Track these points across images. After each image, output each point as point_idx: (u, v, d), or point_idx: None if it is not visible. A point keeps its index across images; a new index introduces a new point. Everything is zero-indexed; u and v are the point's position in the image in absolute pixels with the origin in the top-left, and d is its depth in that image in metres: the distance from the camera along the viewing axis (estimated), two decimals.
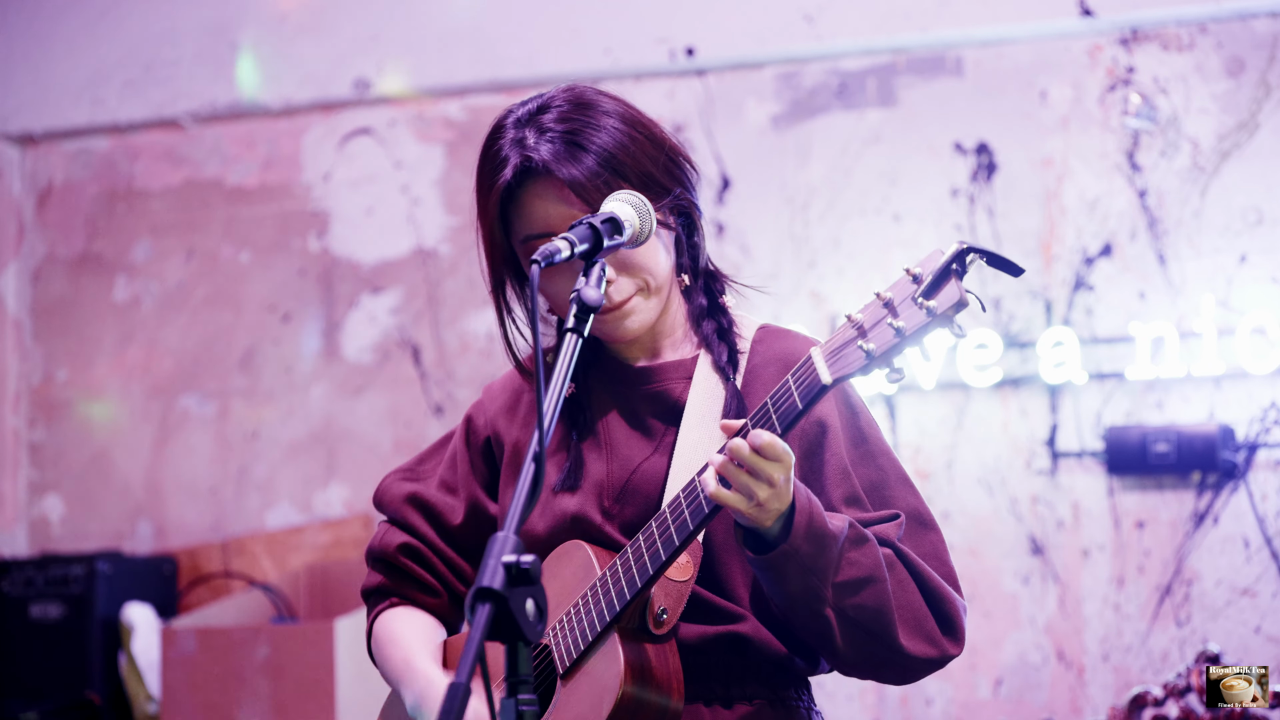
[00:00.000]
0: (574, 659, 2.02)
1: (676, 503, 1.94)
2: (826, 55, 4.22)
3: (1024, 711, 3.96)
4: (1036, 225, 4.04)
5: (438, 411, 4.50)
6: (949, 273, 1.74)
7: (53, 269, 4.92)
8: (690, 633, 2.03)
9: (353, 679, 3.91)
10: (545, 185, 2.04)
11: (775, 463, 1.85)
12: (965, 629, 2.03)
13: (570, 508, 2.09)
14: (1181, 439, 3.83)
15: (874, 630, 1.96)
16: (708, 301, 2.15)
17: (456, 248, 4.54)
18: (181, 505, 4.72)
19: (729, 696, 2.05)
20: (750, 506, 1.87)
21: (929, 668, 2.01)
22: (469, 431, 2.24)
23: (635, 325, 2.08)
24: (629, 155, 2.03)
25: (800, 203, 4.23)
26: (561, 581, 2.05)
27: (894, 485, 2.07)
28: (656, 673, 1.98)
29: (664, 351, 2.15)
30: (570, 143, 2.03)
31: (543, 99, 2.09)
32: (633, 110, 2.10)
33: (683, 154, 2.11)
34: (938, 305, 1.74)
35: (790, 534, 1.90)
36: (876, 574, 1.95)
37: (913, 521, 2.05)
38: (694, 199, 2.11)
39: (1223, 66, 3.94)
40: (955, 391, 4.04)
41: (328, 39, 4.63)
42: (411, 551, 2.23)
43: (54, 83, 4.86)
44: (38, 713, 4.23)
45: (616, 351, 2.16)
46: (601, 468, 2.10)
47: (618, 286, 2.04)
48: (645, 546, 1.96)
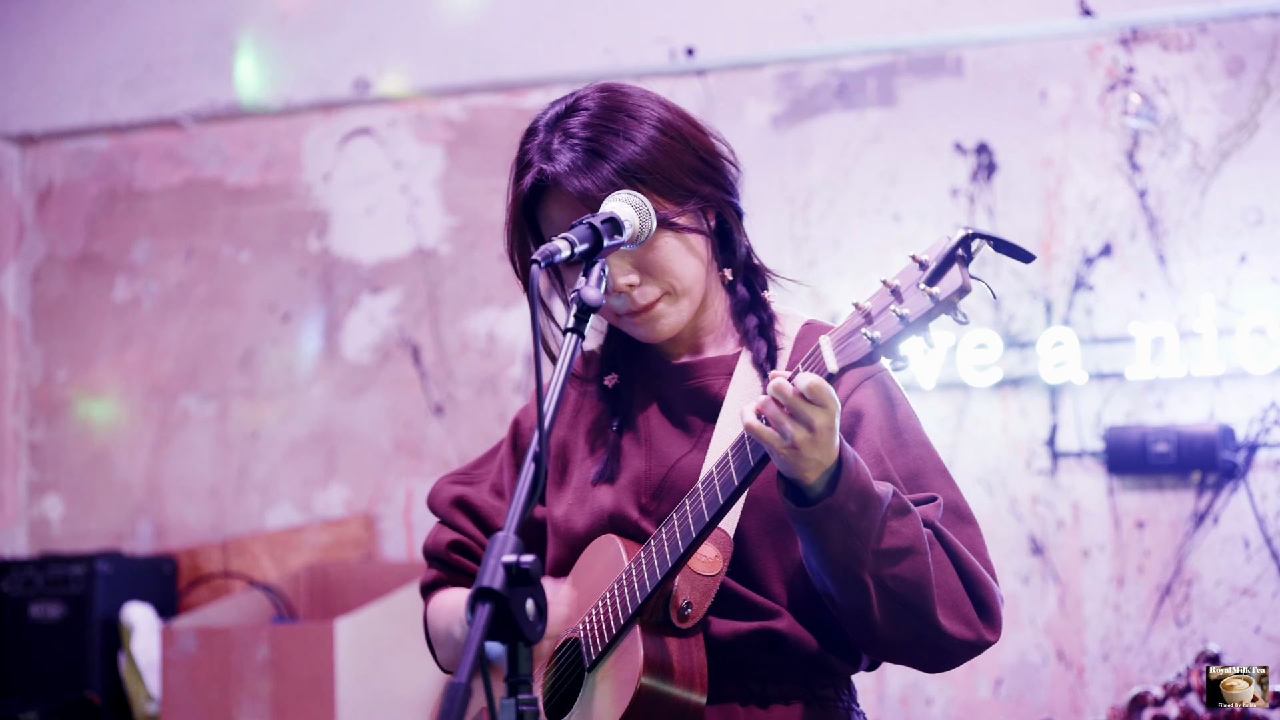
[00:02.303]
0: (600, 652, 2.02)
1: (696, 490, 1.93)
2: (826, 55, 4.22)
3: (1024, 711, 3.96)
4: (1036, 225, 4.04)
5: (438, 411, 4.50)
6: (953, 258, 1.72)
7: (53, 269, 4.92)
8: (724, 629, 2.02)
9: (353, 679, 3.91)
10: (560, 194, 2.05)
11: (818, 407, 1.80)
12: (1002, 617, 1.99)
13: (608, 505, 2.10)
14: (1181, 439, 3.83)
15: (912, 604, 1.91)
16: (750, 297, 2.14)
17: (456, 248, 4.54)
18: (181, 505, 4.72)
19: (765, 695, 2.03)
20: (784, 447, 1.82)
21: (965, 650, 1.96)
22: (515, 435, 2.27)
23: (665, 328, 2.08)
24: (652, 162, 2.03)
25: (800, 203, 4.23)
26: (594, 575, 2.06)
27: (932, 475, 2.03)
28: (678, 666, 1.96)
29: (706, 347, 2.14)
30: (590, 151, 2.03)
31: (575, 98, 2.10)
32: (667, 112, 2.09)
33: (719, 153, 2.10)
34: (941, 291, 1.71)
35: (835, 489, 1.84)
36: (918, 545, 1.90)
37: (951, 513, 2.02)
38: (729, 197, 2.10)
39: (1223, 66, 3.94)
40: (955, 391, 4.04)
41: (328, 39, 4.63)
42: (462, 548, 2.27)
43: (54, 83, 4.86)
44: (38, 713, 4.23)
45: (659, 348, 2.16)
46: (640, 463, 2.10)
47: (642, 291, 2.05)
48: (667, 536, 1.96)
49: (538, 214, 2.09)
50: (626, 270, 2.04)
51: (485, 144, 4.54)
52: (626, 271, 2.04)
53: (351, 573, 4.38)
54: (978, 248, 1.72)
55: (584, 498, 2.13)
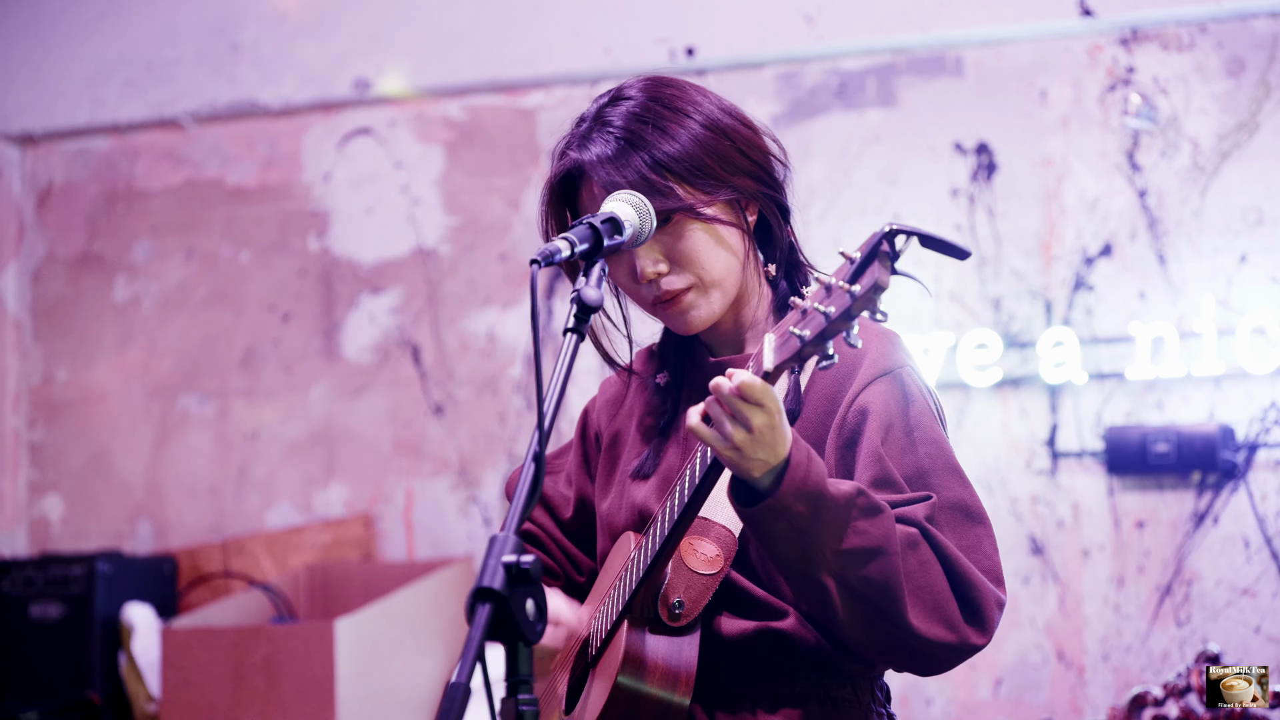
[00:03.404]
0: (598, 648, 2.04)
1: (679, 480, 1.93)
2: (826, 55, 4.22)
3: (1024, 711, 3.96)
4: (1036, 225, 4.04)
5: (438, 411, 4.50)
6: (875, 254, 1.69)
7: (53, 269, 4.92)
8: (731, 628, 2.01)
9: (353, 679, 3.91)
10: (590, 184, 2.06)
11: (754, 406, 1.79)
12: (995, 622, 1.97)
13: (638, 499, 2.11)
14: (1181, 439, 3.83)
15: (880, 606, 1.89)
16: (790, 293, 2.14)
17: (456, 248, 4.54)
18: (181, 505, 4.72)
19: (776, 695, 2.02)
20: (726, 448, 1.81)
21: (949, 654, 1.93)
22: (584, 426, 2.30)
23: (696, 320, 2.07)
24: (686, 155, 2.03)
25: (800, 203, 4.20)
26: (613, 572, 2.08)
27: (941, 473, 2.02)
28: (661, 665, 1.95)
29: (748, 343, 2.14)
30: (623, 142, 2.03)
31: (621, 88, 2.10)
32: (714, 109, 2.08)
33: (766, 149, 2.10)
34: (860, 288, 1.69)
35: (779, 489, 1.83)
36: (887, 547, 1.88)
37: (958, 512, 2.00)
38: (769, 191, 2.10)
39: (1223, 66, 3.94)
40: (955, 391, 4.04)
41: (328, 39, 4.63)
42: (532, 538, 2.29)
43: (54, 83, 4.86)
44: (38, 713, 4.23)
45: (706, 345, 2.17)
46: (676, 460, 2.11)
47: (669, 279, 2.05)
48: (655, 530, 1.96)
49: (572, 198, 2.10)
50: (656, 258, 2.04)
51: (485, 144, 4.54)
52: (655, 260, 2.04)
53: (351, 573, 4.38)
54: (904, 244, 1.70)
55: (623, 492, 2.15)
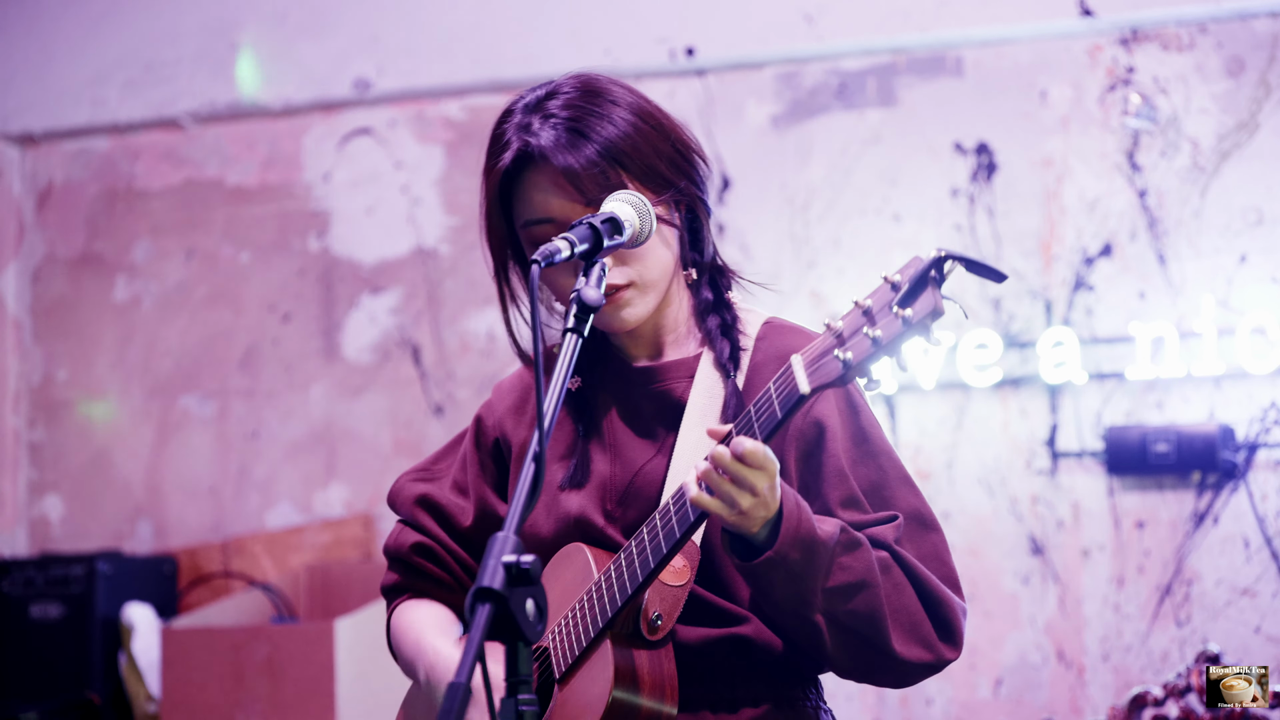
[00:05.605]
0: (569, 664, 2.01)
1: (666, 509, 1.93)
2: (826, 55, 4.22)
3: (1024, 711, 3.96)
4: (1036, 225, 4.04)
5: (438, 411, 4.50)
6: (926, 280, 1.70)
7: (53, 269, 4.92)
8: (692, 635, 2.02)
9: (353, 679, 3.91)
10: (542, 172, 2.04)
11: (758, 470, 1.82)
12: (964, 633, 2.01)
13: (573, 509, 2.08)
14: (1181, 439, 3.83)
15: (866, 635, 1.94)
16: (713, 296, 2.13)
17: (456, 248, 4.54)
18: (181, 505, 4.72)
19: (734, 698, 2.04)
20: (733, 514, 1.85)
21: (924, 672, 1.99)
22: (479, 432, 2.24)
23: (630, 317, 2.06)
24: (633, 147, 2.03)
25: (800, 203, 4.23)
26: (563, 585, 2.05)
27: (894, 485, 2.04)
28: (649, 678, 1.97)
29: (666, 349, 2.13)
30: (572, 130, 2.03)
31: (553, 85, 2.11)
32: (643, 101, 2.09)
33: (693, 148, 2.10)
34: (914, 314, 1.70)
35: (777, 541, 1.87)
36: (869, 579, 1.93)
37: (914, 522, 2.02)
38: (701, 193, 2.10)
39: (1223, 66, 3.94)
40: (955, 391, 4.04)
41: (328, 39, 4.63)
42: (425, 550, 2.23)
43: (54, 83, 4.86)
44: (38, 712, 4.23)
45: (620, 350, 2.15)
46: (606, 469, 2.09)
47: (610, 274, 2.01)
48: (637, 553, 1.94)
49: (514, 196, 2.08)
50: None
51: (485, 144, 4.53)
52: None
53: (351, 573, 4.38)
54: (950, 269, 1.70)
55: (550, 502, 2.11)
